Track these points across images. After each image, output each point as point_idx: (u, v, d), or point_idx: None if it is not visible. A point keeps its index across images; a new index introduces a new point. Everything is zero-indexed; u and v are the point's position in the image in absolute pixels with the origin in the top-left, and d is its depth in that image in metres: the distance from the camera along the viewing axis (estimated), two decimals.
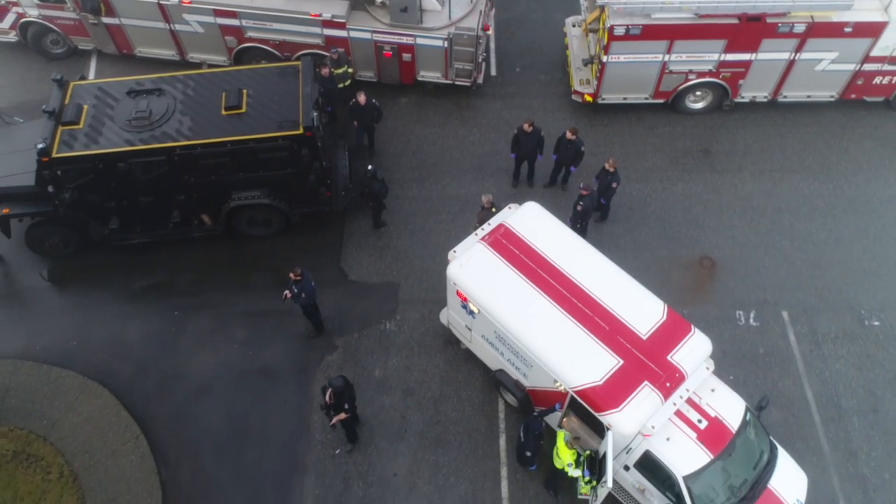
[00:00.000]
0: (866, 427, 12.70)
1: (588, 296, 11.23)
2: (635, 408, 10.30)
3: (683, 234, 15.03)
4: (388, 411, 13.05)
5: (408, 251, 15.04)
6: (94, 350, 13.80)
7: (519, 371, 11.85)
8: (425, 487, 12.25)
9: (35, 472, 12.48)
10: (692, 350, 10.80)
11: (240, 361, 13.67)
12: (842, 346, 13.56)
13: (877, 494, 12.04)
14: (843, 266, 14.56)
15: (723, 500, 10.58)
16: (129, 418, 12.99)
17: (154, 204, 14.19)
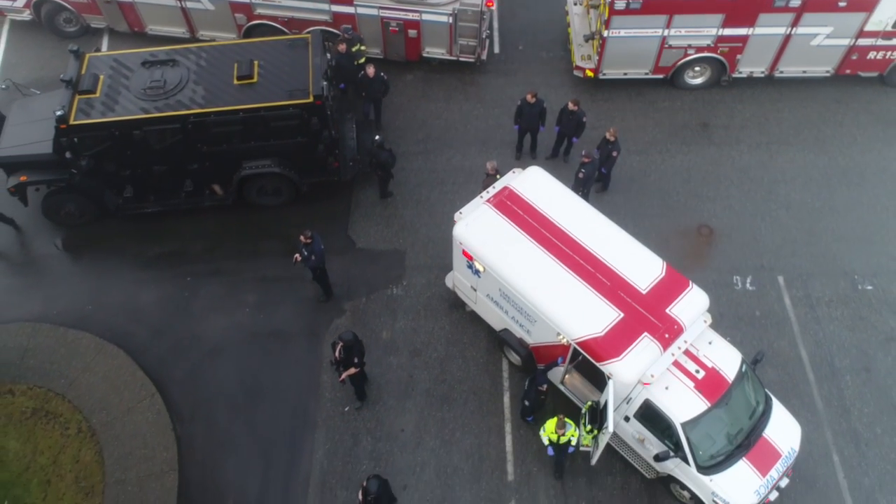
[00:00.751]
0: (859, 385, 13.11)
1: (590, 253, 11.63)
2: (635, 357, 10.70)
3: (682, 204, 15.44)
4: (396, 371, 13.46)
5: (414, 220, 15.44)
6: (110, 314, 14.20)
7: (522, 328, 12.25)
8: (432, 442, 12.66)
9: (54, 427, 12.89)
10: (690, 304, 11.21)
11: (251, 324, 14.07)
12: (836, 309, 13.97)
13: (868, 448, 12.45)
14: (838, 234, 14.97)
15: (720, 447, 11.00)
16: (144, 377, 13.39)
17: (167, 173, 14.58)
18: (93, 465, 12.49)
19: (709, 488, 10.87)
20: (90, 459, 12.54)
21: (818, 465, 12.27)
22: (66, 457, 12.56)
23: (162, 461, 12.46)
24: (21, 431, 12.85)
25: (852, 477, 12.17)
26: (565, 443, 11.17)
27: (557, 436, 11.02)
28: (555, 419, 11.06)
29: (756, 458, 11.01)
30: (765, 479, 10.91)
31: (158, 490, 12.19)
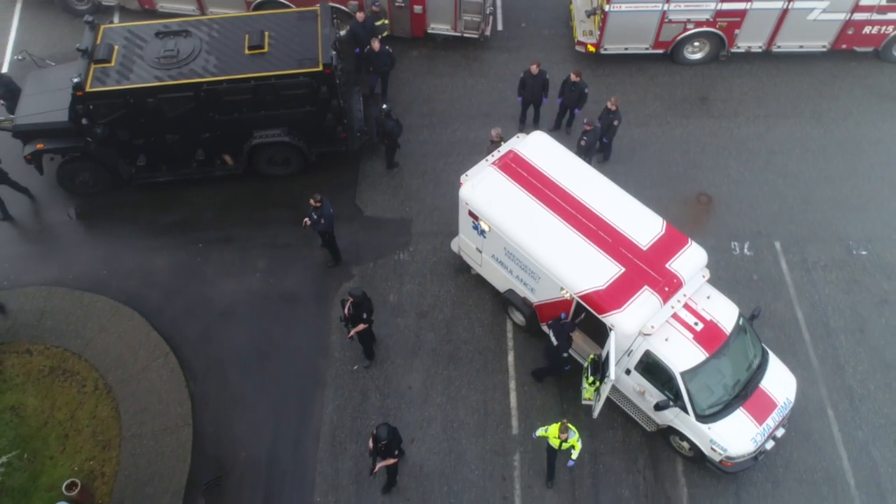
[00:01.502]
0: (853, 344, 13.49)
1: (592, 212, 12.02)
2: (636, 309, 11.09)
3: (682, 174, 15.82)
4: (403, 332, 13.83)
5: (420, 190, 15.82)
6: (124, 278, 14.57)
7: (527, 287, 12.64)
8: (438, 398, 13.04)
9: (71, 385, 13.27)
10: (689, 259, 11.61)
11: (261, 288, 14.45)
12: (831, 273, 14.36)
13: (862, 403, 12.83)
14: (833, 202, 15.35)
15: (717, 397, 11.38)
16: (158, 338, 13.77)
17: (180, 142, 14.95)
18: (109, 420, 12.87)
19: (707, 436, 11.25)
20: (107, 415, 12.91)
21: (813, 419, 12.65)
22: (84, 412, 12.94)
23: (176, 416, 12.84)
24: (39, 389, 13.22)
25: (846, 431, 12.55)
26: (567, 449, 10.96)
27: (560, 441, 10.83)
28: (558, 423, 10.85)
29: (753, 407, 11.39)
30: (761, 427, 11.29)
31: (173, 443, 12.57)
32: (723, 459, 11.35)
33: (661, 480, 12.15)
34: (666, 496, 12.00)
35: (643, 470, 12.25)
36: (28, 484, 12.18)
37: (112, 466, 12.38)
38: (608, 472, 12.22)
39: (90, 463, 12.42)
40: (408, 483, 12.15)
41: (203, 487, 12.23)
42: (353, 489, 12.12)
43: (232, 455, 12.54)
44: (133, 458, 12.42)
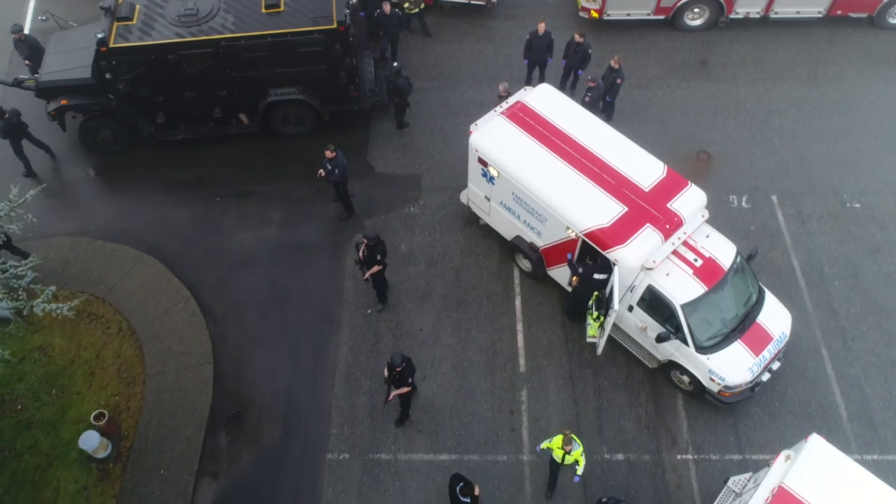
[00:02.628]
0: (846, 290, 14.05)
1: (596, 157, 12.57)
2: (639, 245, 11.65)
3: (682, 132, 16.37)
4: (414, 279, 14.38)
5: (429, 147, 16.38)
6: (144, 230, 15.13)
7: (533, 231, 13.19)
8: (448, 340, 13.59)
9: (96, 327, 13.82)
10: (689, 200, 12.16)
11: (277, 238, 15.01)
12: (825, 224, 14.92)
13: (854, 343, 13.38)
14: (828, 158, 15.92)
15: (716, 330, 11.93)
16: (178, 284, 14.32)
17: (198, 99, 15.51)
18: (133, 359, 13.43)
19: (706, 367, 11.80)
20: (131, 354, 13.47)
21: (808, 358, 13.20)
22: (109, 352, 13.49)
23: (198, 355, 13.40)
24: (65, 331, 13.77)
25: (839, 368, 13.10)
26: (570, 464, 10.81)
27: (563, 452, 10.64)
28: (561, 435, 10.62)
29: (750, 340, 11.94)
30: (758, 358, 11.84)
31: (195, 380, 13.13)
32: (721, 390, 11.91)
33: (661, 414, 12.70)
34: (667, 428, 12.55)
35: (645, 404, 12.80)
36: (57, 417, 12.74)
37: (137, 401, 12.94)
38: (611, 405, 12.78)
39: (115, 398, 12.97)
40: (420, 416, 12.70)
41: (224, 421, 12.79)
42: (367, 422, 12.68)
43: (251, 391, 13.10)
44: (157, 394, 12.98)
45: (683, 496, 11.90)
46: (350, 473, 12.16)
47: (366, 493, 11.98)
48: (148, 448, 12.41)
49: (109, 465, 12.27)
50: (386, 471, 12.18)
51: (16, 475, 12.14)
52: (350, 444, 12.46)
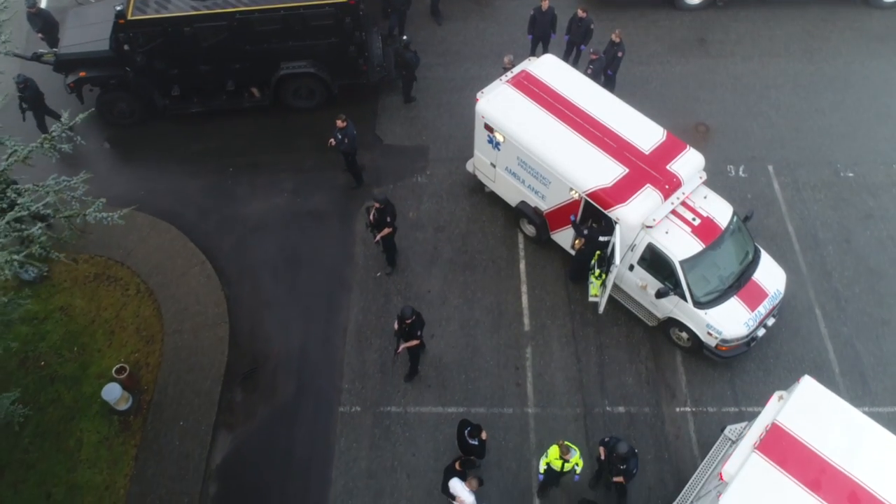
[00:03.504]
0: (840, 254, 14.54)
1: (598, 122, 13.07)
2: (639, 204, 12.15)
3: (681, 106, 16.85)
4: (422, 244, 14.88)
5: (435, 121, 16.88)
6: (160, 198, 15.61)
7: (538, 195, 13.68)
8: (455, 301, 14.09)
9: (115, 289, 14.32)
10: (688, 162, 12.66)
11: (289, 206, 15.50)
12: (819, 192, 15.41)
13: (847, 304, 13.88)
14: (823, 131, 16.41)
15: (713, 286, 12.42)
16: (194, 248, 14.82)
17: (211, 73, 16.00)
18: (152, 318, 13.92)
19: (704, 321, 12.30)
20: (149, 314, 13.97)
21: (802, 317, 13.70)
22: (128, 312, 13.99)
23: (214, 315, 13.89)
24: (85, 292, 14.28)
25: (832, 327, 13.60)
26: (569, 470, 10.84)
27: (562, 462, 10.66)
28: (556, 446, 10.69)
29: (746, 296, 12.44)
30: (753, 313, 12.34)
31: (212, 338, 13.62)
32: (718, 344, 12.41)
33: (661, 370, 13.20)
34: (666, 383, 13.05)
35: (645, 361, 13.30)
36: (79, 372, 13.23)
37: (155, 358, 13.44)
38: (613, 362, 13.28)
39: (135, 355, 13.46)
40: (429, 372, 13.20)
41: (239, 377, 13.28)
42: (378, 377, 13.17)
43: (265, 349, 13.59)
44: (175, 351, 13.48)
45: (682, 445, 12.41)
46: (361, 425, 12.66)
47: (377, 442, 12.47)
48: (167, 401, 12.91)
49: (130, 417, 12.77)
50: (396, 422, 12.67)
51: (40, 426, 12.63)
52: (361, 397, 12.95)
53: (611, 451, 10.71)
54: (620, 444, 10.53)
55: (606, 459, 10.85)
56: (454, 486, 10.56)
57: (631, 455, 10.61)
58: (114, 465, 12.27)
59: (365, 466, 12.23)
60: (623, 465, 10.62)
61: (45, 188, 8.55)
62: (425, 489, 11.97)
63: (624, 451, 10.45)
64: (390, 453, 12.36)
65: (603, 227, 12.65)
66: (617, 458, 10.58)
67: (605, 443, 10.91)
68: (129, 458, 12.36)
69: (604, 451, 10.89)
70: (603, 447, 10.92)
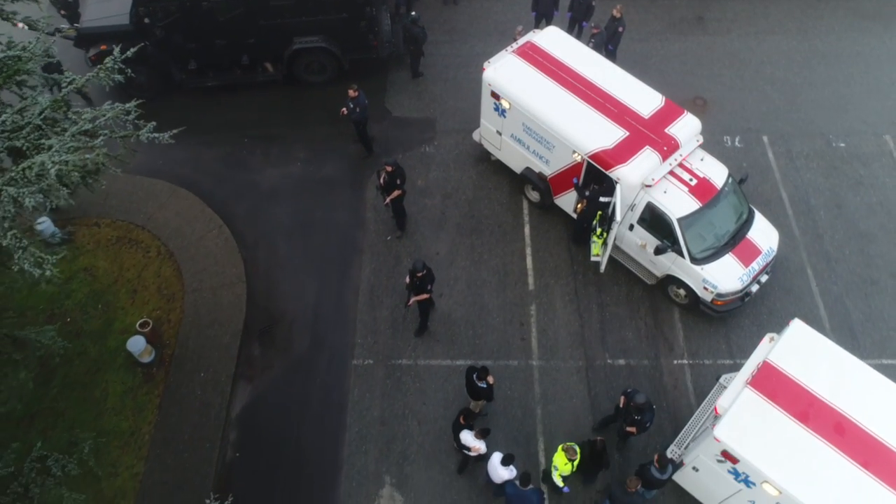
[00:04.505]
0: (831, 218, 15.17)
1: (600, 89, 13.68)
2: (639, 164, 12.76)
3: (680, 80, 17.47)
4: (430, 210, 15.49)
5: (442, 94, 17.50)
6: (178, 166, 16.23)
7: (542, 160, 14.30)
8: (463, 262, 14.70)
9: (136, 251, 14.94)
10: (685, 126, 13.28)
11: (302, 175, 16.13)
12: (812, 161, 16.04)
13: (837, 264, 14.50)
14: (816, 104, 17.04)
15: (709, 243, 13.03)
16: (212, 213, 15.43)
17: (227, 46, 16.61)
18: (172, 278, 14.54)
19: (700, 276, 12.91)
20: (170, 274, 14.58)
21: (794, 277, 14.31)
22: (149, 272, 14.61)
23: (232, 275, 14.50)
24: (108, 254, 14.89)
25: (823, 286, 14.22)
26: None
27: (571, 464, 10.75)
28: (560, 452, 10.80)
29: (740, 252, 13.05)
30: (747, 269, 12.95)
31: (230, 297, 14.24)
32: (714, 298, 13.02)
33: (659, 325, 13.82)
34: (664, 338, 13.67)
35: (644, 317, 13.92)
36: (104, 328, 13.85)
37: (177, 314, 14.05)
38: (613, 318, 13.90)
39: (157, 312, 14.08)
40: (438, 328, 13.82)
41: (257, 333, 13.90)
42: (389, 332, 13.79)
43: (281, 308, 14.20)
44: (195, 308, 14.09)
45: (679, 395, 13.03)
46: (374, 376, 13.28)
47: (389, 392, 13.09)
48: (188, 354, 13.53)
49: (153, 369, 13.39)
50: (407, 374, 13.29)
51: (67, 378, 13.25)
52: (374, 351, 13.57)
53: (629, 401, 11.25)
54: (638, 395, 11.02)
55: (624, 407, 11.40)
56: (465, 439, 11.18)
57: (647, 408, 11.17)
58: (138, 413, 12.89)
59: (377, 414, 12.85)
60: (638, 416, 11.18)
61: (102, 111, 9.27)
62: (435, 435, 12.60)
63: (641, 402, 10.98)
64: (401, 402, 12.98)
65: (604, 188, 13.26)
66: (634, 408, 11.11)
67: (627, 392, 11.41)
68: (152, 407, 12.98)
69: (624, 400, 11.43)
70: (624, 396, 11.45)
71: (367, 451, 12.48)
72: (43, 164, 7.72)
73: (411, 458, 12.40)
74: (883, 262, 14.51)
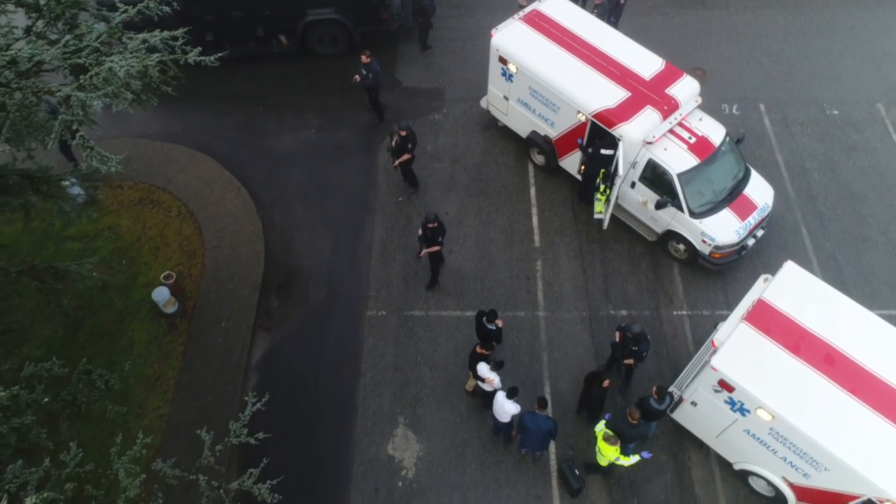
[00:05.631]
0: (825, 181, 15.80)
1: (603, 53, 14.31)
2: (640, 122, 13.39)
3: (679, 52, 17.98)
4: (440, 173, 16.13)
5: (450, 66, 18.14)
6: (197, 133, 16.87)
7: (547, 122, 14.93)
8: (471, 221, 15.34)
9: (158, 211, 15.57)
10: (684, 87, 13.91)
11: (316, 140, 16.76)
12: (806, 127, 16.67)
13: (830, 223, 15.14)
14: (811, 74, 17.67)
15: (707, 198, 13.66)
16: (230, 176, 16.07)
17: (243, 18, 17.24)
18: (193, 236, 15.17)
19: (699, 229, 13.54)
20: (191, 232, 15.21)
21: (789, 234, 14.95)
22: (171, 231, 15.24)
23: (250, 233, 15.14)
24: (131, 214, 15.53)
25: (816, 243, 14.86)
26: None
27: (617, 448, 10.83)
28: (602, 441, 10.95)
29: (737, 207, 13.68)
30: (743, 223, 13.58)
31: (249, 253, 14.87)
32: (712, 251, 13.66)
33: (660, 279, 14.45)
34: (664, 290, 14.30)
35: (645, 272, 14.55)
36: (128, 282, 14.48)
37: (198, 269, 14.69)
38: (616, 273, 14.53)
39: (179, 267, 14.70)
40: (448, 282, 14.45)
41: (275, 286, 14.54)
42: (401, 286, 14.42)
43: (298, 263, 14.84)
44: (215, 263, 14.73)
45: (678, 343, 13.66)
46: (387, 326, 13.91)
47: (401, 341, 13.72)
48: (209, 306, 14.17)
49: (176, 320, 14.02)
50: (419, 324, 13.93)
51: (95, 327, 13.88)
52: (387, 303, 14.20)
53: (625, 333, 11.93)
54: (634, 326, 11.74)
55: (621, 342, 12.08)
56: (481, 370, 11.81)
57: (643, 338, 11.85)
58: (163, 360, 13.52)
59: (391, 361, 13.49)
60: (635, 347, 11.85)
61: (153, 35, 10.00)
62: (446, 379, 13.23)
63: (637, 331, 11.67)
64: (414, 350, 13.62)
65: (606, 141, 13.90)
66: (631, 339, 11.80)
67: (621, 327, 12.12)
68: (176, 355, 13.61)
69: (619, 335, 12.12)
70: (619, 331, 12.16)
71: (382, 395, 13.12)
72: (111, 69, 8.38)
73: (424, 400, 13.04)
74: (874, 220, 15.14)
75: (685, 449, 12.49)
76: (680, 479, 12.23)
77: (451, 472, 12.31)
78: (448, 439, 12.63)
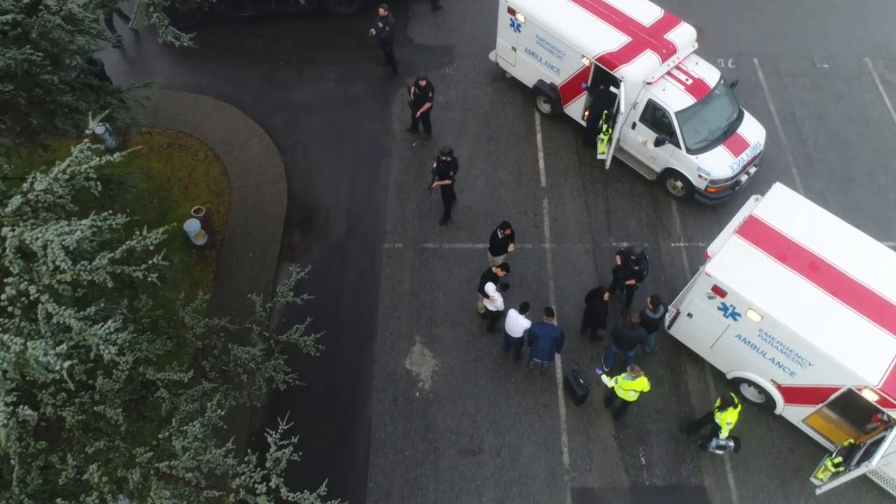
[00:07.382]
0: (814, 127, 16.76)
1: (605, 2, 15.27)
2: (641, 63, 14.34)
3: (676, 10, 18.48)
4: (451, 121, 17.07)
5: (460, 25, 19.09)
6: (220, 85, 17.80)
7: (553, 69, 15.88)
8: (482, 164, 16.29)
9: (186, 154, 16.52)
10: (682, 33, 14.87)
11: (334, 92, 17.70)
12: (798, 79, 17.63)
13: (819, 165, 16.11)
14: (802, 31, 18.63)
15: (703, 136, 14.62)
16: (253, 123, 17.01)
17: None
18: (220, 177, 16.12)
19: (695, 164, 14.50)
20: (217, 174, 16.17)
21: (780, 175, 15.83)
22: (199, 172, 16.19)
23: (273, 174, 16.09)
24: (160, 157, 16.47)
25: (806, 182, 15.82)
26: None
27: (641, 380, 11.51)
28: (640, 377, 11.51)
29: (731, 145, 14.64)
30: (737, 159, 14.55)
31: (273, 192, 15.82)
32: (707, 185, 14.61)
33: (659, 215, 15.41)
34: (663, 225, 15.26)
35: (645, 208, 15.51)
36: (160, 217, 15.38)
37: (225, 206, 15.64)
38: (617, 209, 15.48)
39: (207, 205, 15.62)
40: (460, 217, 15.41)
41: (297, 223, 15.49)
42: (416, 221, 15.38)
43: (319, 202, 15.79)
44: (241, 201, 15.68)
45: (676, 272, 14.62)
46: (403, 257, 14.87)
47: (417, 270, 14.68)
48: (237, 239, 15.12)
49: (206, 251, 14.97)
50: (433, 255, 14.88)
51: None
52: (403, 237, 15.16)
53: (626, 256, 12.89)
54: (636, 247, 12.74)
55: (622, 263, 13.03)
56: (488, 288, 12.77)
57: (643, 257, 12.81)
58: (195, 285, 14.46)
59: (408, 287, 14.45)
60: (637, 266, 12.81)
61: None
62: (459, 303, 14.19)
63: (639, 252, 12.64)
64: (429, 278, 14.57)
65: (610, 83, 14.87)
66: (633, 260, 12.75)
67: (621, 251, 13.07)
68: (207, 281, 14.57)
69: (619, 258, 13.08)
70: (619, 254, 13.12)
71: (399, 317, 14.08)
72: None
73: (439, 321, 14.00)
74: (860, 162, 16.11)
75: (682, 363, 13.46)
76: (677, 390, 13.21)
77: (465, 383, 13.28)
78: (462, 355, 13.59)
